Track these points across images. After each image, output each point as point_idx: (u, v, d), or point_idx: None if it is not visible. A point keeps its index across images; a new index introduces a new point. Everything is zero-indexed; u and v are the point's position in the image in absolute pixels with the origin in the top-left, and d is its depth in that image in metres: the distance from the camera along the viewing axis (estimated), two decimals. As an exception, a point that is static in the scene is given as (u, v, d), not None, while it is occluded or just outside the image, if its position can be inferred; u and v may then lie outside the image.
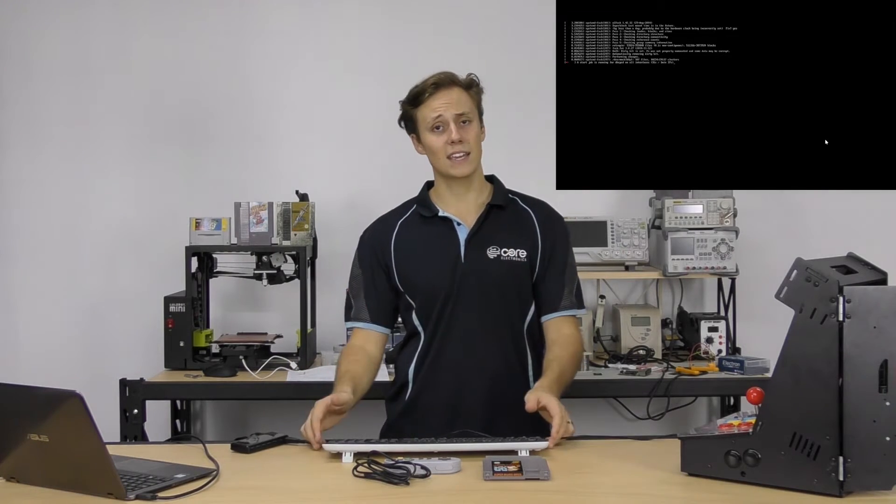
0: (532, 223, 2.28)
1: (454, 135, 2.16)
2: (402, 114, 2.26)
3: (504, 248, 2.22)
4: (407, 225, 2.28)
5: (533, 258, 2.24)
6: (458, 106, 2.18)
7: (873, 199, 3.47)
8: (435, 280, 2.20)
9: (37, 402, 1.66)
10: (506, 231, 2.24)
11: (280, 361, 3.16)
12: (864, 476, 1.56)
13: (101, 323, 3.60)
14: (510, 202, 2.29)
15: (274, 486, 1.72)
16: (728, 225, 3.31)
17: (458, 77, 2.22)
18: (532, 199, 2.34)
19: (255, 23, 3.62)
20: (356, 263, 2.31)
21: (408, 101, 2.23)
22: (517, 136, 3.58)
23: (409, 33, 3.60)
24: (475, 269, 2.19)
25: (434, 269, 2.21)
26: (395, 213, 2.32)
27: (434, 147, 2.19)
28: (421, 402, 2.23)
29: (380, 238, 2.28)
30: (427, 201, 2.28)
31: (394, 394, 2.30)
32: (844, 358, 1.55)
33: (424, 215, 2.26)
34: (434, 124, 2.18)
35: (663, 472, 1.75)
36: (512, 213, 2.28)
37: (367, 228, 2.35)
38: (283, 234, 3.28)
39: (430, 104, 2.18)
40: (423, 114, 2.19)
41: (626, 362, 3.19)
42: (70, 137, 3.62)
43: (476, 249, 2.21)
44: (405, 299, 2.25)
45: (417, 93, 2.20)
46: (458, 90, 2.20)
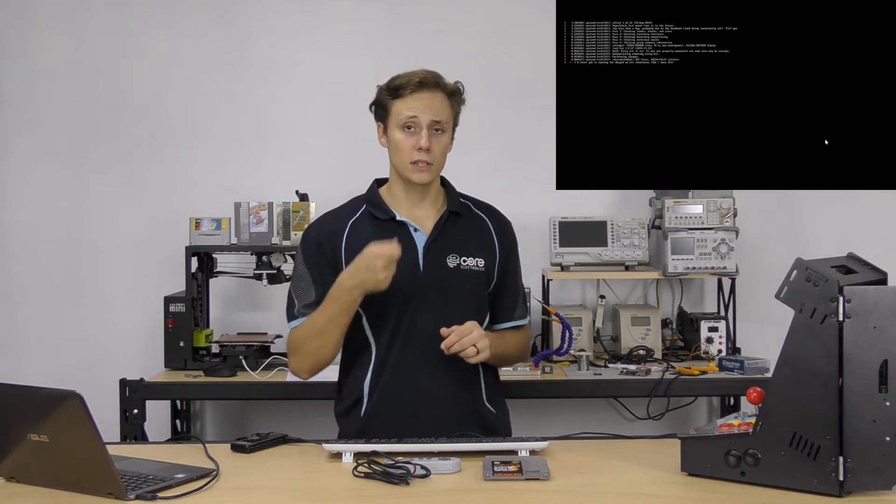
0: (489, 231, 2.23)
1: (423, 141, 2.08)
2: (377, 100, 2.16)
3: (463, 256, 2.15)
4: (358, 226, 2.17)
5: (491, 268, 2.19)
6: (436, 112, 2.10)
7: (873, 199, 3.47)
8: (391, 287, 2.04)
9: (37, 402, 1.66)
10: (464, 240, 2.18)
11: (280, 361, 3.16)
12: (864, 476, 1.56)
13: (101, 323, 3.60)
14: (464, 207, 2.23)
15: (274, 486, 1.72)
16: (728, 225, 3.31)
17: (445, 81, 2.15)
18: (482, 203, 2.28)
19: (255, 23, 3.62)
20: (301, 261, 2.18)
21: (387, 89, 2.13)
22: (517, 136, 3.58)
23: (410, 33, 3.60)
24: (435, 278, 2.12)
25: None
26: (344, 212, 2.22)
27: (400, 146, 2.11)
28: (380, 414, 2.12)
29: (328, 237, 2.16)
30: (380, 202, 2.19)
31: (345, 409, 2.18)
32: (844, 358, 1.55)
33: (378, 217, 2.16)
34: (406, 123, 2.10)
35: (663, 472, 1.75)
36: (468, 220, 2.22)
37: (312, 225, 2.26)
38: (283, 234, 3.28)
39: (408, 101, 2.10)
40: (398, 108, 2.11)
41: (626, 362, 3.19)
42: (70, 137, 3.63)
43: (435, 257, 2.13)
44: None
45: (399, 85, 2.11)
46: (441, 95, 2.12)
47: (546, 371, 3.07)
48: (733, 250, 3.28)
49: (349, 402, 2.17)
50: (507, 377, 2.96)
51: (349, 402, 2.17)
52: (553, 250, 3.34)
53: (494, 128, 3.58)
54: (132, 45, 3.61)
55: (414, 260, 2.13)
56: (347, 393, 2.19)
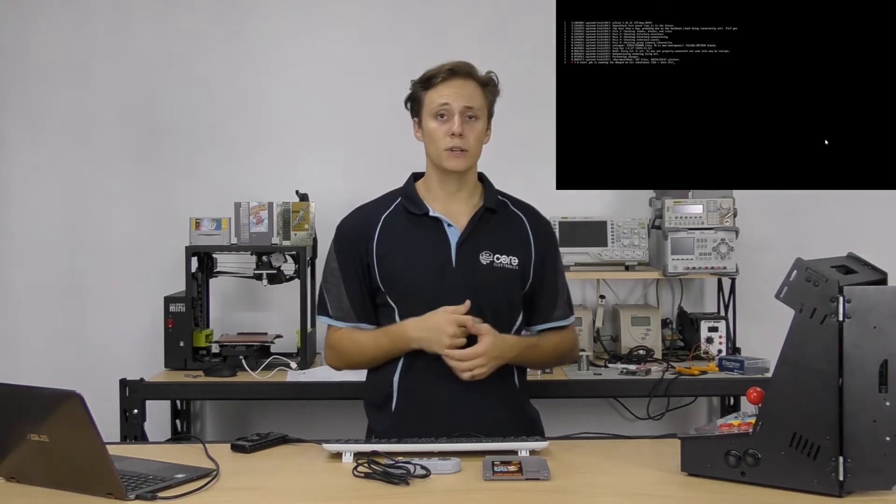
0: (525, 230, 2.21)
1: (456, 127, 2.08)
2: (411, 94, 2.17)
3: (497, 253, 2.14)
4: (392, 220, 2.16)
5: (525, 267, 2.17)
6: (469, 99, 2.10)
7: (873, 199, 3.47)
8: (423, 283, 2.09)
9: (37, 402, 1.66)
10: (498, 236, 2.16)
11: (280, 361, 3.16)
12: (864, 476, 1.56)
13: (101, 323, 3.60)
14: (500, 205, 2.22)
15: (274, 486, 1.72)
16: (728, 225, 3.31)
17: (477, 70, 2.15)
18: (521, 202, 2.27)
19: (255, 23, 3.62)
20: (333, 256, 2.19)
21: (419, 81, 2.14)
22: (517, 135, 3.57)
23: (410, 33, 3.60)
24: (466, 274, 2.11)
25: (422, 270, 2.11)
26: (378, 205, 2.21)
27: (434, 135, 2.10)
28: (410, 412, 2.11)
29: (362, 231, 2.16)
30: (415, 196, 2.17)
31: (375, 404, 2.19)
32: (844, 358, 1.55)
33: (412, 212, 2.16)
34: (439, 111, 2.10)
35: (663, 472, 1.75)
36: (503, 218, 2.20)
37: (346, 219, 2.23)
38: (283, 234, 3.28)
39: (440, 89, 2.10)
40: (430, 97, 2.11)
41: (626, 362, 3.19)
42: (70, 137, 3.63)
43: (467, 254, 2.12)
44: (385, 300, 2.14)
45: (431, 75, 2.12)
46: (473, 84, 2.13)
47: (546, 371, 3.07)
48: (733, 250, 3.28)
49: (379, 397, 2.17)
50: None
51: (379, 397, 2.17)
52: (553, 250, 3.33)
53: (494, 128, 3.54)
54: (132, 45, 3.61)
55: (447, 255, 2.12)
56: (377, 387, 2.17)
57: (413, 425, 2.04)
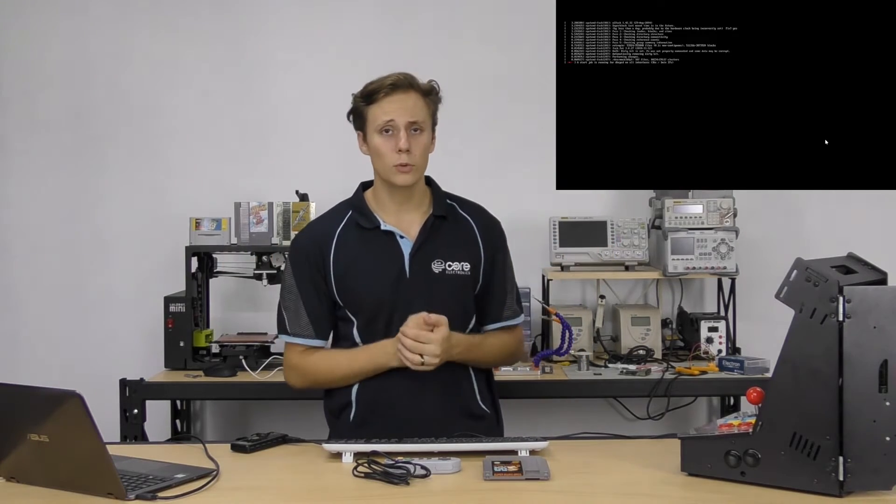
0: (473, 233, 2.22)
1: (402, 143, 2.07)
2: (353, 108, 2.16)
3: (448, 261, 2.15)
4: (345, 235, 2.17)
5: (476, 270, 2.19)
6: (412, 113, 2.09)
7: (873, 199, 3.47)
8: (379, 295, 2.11)
9: (37, 402, 1.66)
10: (449, 244, 2.17)
11: (280, 361, 3.15)
12: (864, 476, 1.56)
13: (101, 323, 3.60)
14: (449, 209, 2.22)
15: (274, 486, 1.72)
16: (728, 225, 3.31)
17: (418, 81, 2.14)
18: (468, 203, 2.27)
19: (255, 23, 3.62)
20: (290, 273, 2.21)
21: (361, 96, 2.13)
22: (517, 135, 3.58)
23: (410, 33, 3.60)
24: (420, 284, 2.12)
25: (378, 283, 2.12)
26: (330, 220, 2.22)
27: (380, 151, 2.11)
28: (369, 421, 2.13)
29: (317, 248, 2.17)
30: (365, 210, 2.18)
31: (335, 411, 2.21)
32: (844, 358, 1.55)
33: (364, 226, 2.17)
34: (384, 127, 2.09)
35: (663, 472, 1.75)
36: (453, 224, 2.21)
37: (300, 235, 2.25)
38: (283, 234, 3.28)
39: (383, 105, 2.09)
40: (374, 114, 2.10)
41: (626, 362, 3.19)
42: (70, 137, 3.63)
43: (420, 264, 2.13)
44: (344, 314, 2.17)
45: (372, 90, 2.10)
46: (416, 95, 2.11)
47: (546, 371, 3.07)
48: (733, 250, 3.28)
49: (338, 404, 2.19)
50: (507, 377, 2.97)
51: (338, 404, 2.19)
52: (553, 250, 3.34)
53: (494, 128, 3.59)
54: (132, 45, 3.61)
55: (400, 267, 2.14)
56: (336, 394, 2.20)
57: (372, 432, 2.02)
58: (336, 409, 2.21)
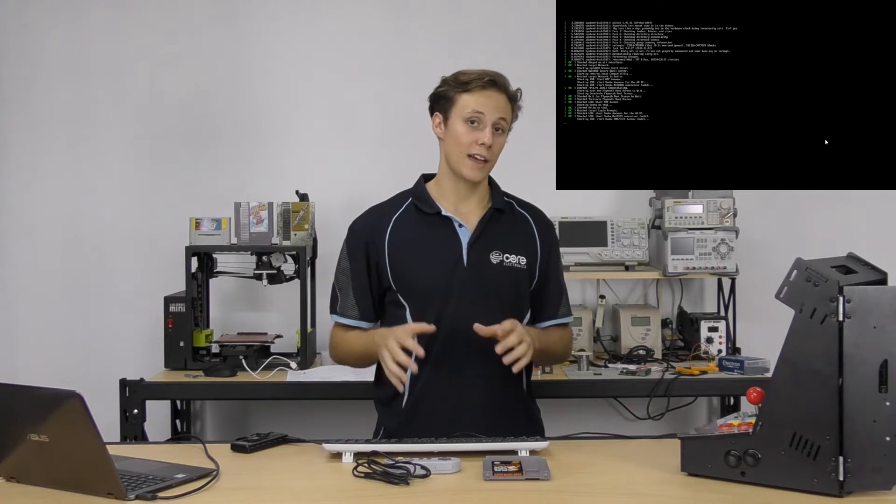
0: (531, 229, 2.25)
1: (487, 138, 2.11)
2: (441, 91, 2.17)
3: (506, 253, 2.18)
4: (403, 221, 2.20)
5: (532, 266, 2.22)
6: (502, 111, 2.14)
7: (873, 199, 3.47)
8: (434, 281, 2.13)
9: (37, 402, 1.66)
10: (507, 236, 2.20)
11: (280, 361, 3.16)
12: (864, 476, 1.56)
13: (101, 323, 3.60)
14: (507, 205, 2.25)
15: (274, 486, 1.72)
16: (728, 225, 3.31)
17: (510, 86, 2.18)
18: (526, 203, 2.31)
19: (255, 23, 3.62)
20: (344, 255, 2.23)
21: (454, 81, 2.15)
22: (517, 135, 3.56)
23: (410, 33, 3.60)
24: (477, 274, 2.14)
25: (434, 269, 2.14)
26: (389, 206, 2.24)
27: (461, 138, 2.12)
28: (422, 409, 2.14)
29: (373, 231, 2.19)
30: (426, 197, 2.21)
31: (387, 399, 2.21)
32: (844, 358, 1.55)
33: (424, 211, 2.19)
34: (472, 117, 2.12)
35: (663, 472, 1.75)
36: (510, 218, 2.24)
37: (358, 219, 2.26)
38: (283, 234, 3.28)
39: (476, 96, 2.12)
40: (465, 101, 2.12)
41: (626, 362, 3.19)
42: (70, 137, 3.62)
43: (478, 253, 2.15)
44: (396, 298, 2.17)
45: (470, 79, 2.13)
46: (505, 98, 2.16)
47: (546, 371, 3.07)
48: (733, 250, 3.28)
49: (389, 392, 2.17)
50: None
51: (389, 392, 2.17)
52: (553, 250, 3.33)
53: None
54: (132, 45, 3.61)
55: (458, 255, 2.15)
56: (387, 382, 2.15)
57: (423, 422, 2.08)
58: (385, 398, 2.21)
